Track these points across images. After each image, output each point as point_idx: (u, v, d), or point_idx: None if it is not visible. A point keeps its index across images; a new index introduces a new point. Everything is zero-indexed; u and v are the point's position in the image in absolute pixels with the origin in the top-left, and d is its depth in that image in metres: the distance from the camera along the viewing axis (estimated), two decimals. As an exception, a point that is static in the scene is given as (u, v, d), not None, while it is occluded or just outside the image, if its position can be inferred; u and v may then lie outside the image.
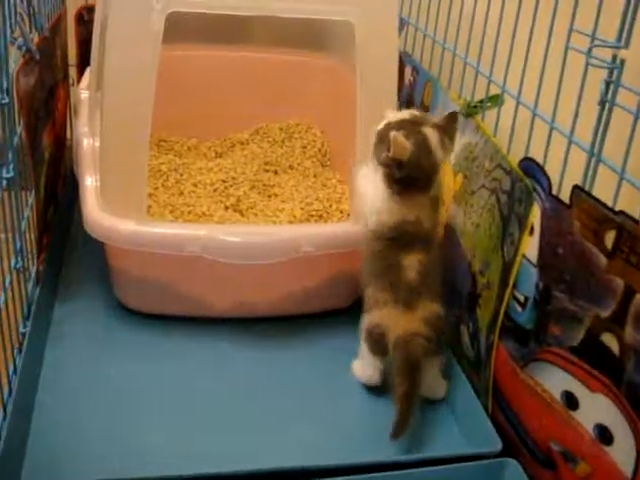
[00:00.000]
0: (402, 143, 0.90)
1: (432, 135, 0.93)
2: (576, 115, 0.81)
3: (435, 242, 0.99)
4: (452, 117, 0.96)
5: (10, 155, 0.98)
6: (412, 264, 0.95)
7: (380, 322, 0.96)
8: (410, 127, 0.93)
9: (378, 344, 0.97)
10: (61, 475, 0.87)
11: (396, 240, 0.95)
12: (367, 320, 0.98)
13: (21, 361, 0.98)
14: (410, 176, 0.93)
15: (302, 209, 1.19)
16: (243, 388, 1.01)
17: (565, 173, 0.83)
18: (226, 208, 1.20)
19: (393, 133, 0.90)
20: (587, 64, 0.78)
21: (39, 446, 0.90)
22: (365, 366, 1.01)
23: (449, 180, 1.09)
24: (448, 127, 0.95)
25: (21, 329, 1.04)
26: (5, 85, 0.96)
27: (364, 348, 1.00)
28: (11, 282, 0.99)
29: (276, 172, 1.34)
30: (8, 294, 0.97)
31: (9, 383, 0.95)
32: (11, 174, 0.97)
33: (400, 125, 0.93)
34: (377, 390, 1.02)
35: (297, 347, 1.10)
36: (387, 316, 0.96)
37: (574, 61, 0.81)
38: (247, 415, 0.97)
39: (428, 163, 0.93)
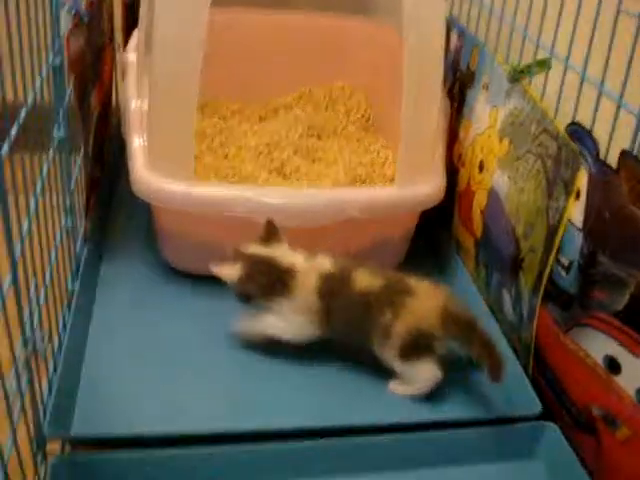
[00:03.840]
0: (221, 271, 0.97)
1: (256, 248, 0.98)
2: (626, 79, 0.80)
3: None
4: (269, 225, 1.00)
5: (61, 115, 1.00)
6: (362, 276, 0.95)
7: (413, 323, 0.93)
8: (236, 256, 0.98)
9: (422, 345, 0.93)
10: (109, 427, 0.89)
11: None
12: (398, 333, 0.93)
13: (70, 317, 1.00)
14: (269, 286, 0.97)
15: (346, 174, 1.20)
16: (284, 348, 1.02)
17: (613, 137, 0.83)
18: (270, 171, 1.21)
19: (213, 269, 0.97)
20: (638, 27, 0.78)
21: (88, 398, 0.93)
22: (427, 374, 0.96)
23: (493, 145, 1.09)
24: (270, 232, 0.99)
25: (70, 286, 1.06)
26: (57, 46, 0.97)
27: (412, 363, 0.95)
28: (61, 240, 1.01)
29: (319, 137, 1.34)
30: (58, 252, 0.99)
31: (59, 337, 0.98)
32: (62, 134, 0.99)
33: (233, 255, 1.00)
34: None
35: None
36: (413, 313, 0.93)
37: (625, 24, 0.81)
38: (287, 373, 0.99)
39: (264, 264, 0.97)
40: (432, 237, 1.28)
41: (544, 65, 0.98)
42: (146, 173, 1.04)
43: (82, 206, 1.14)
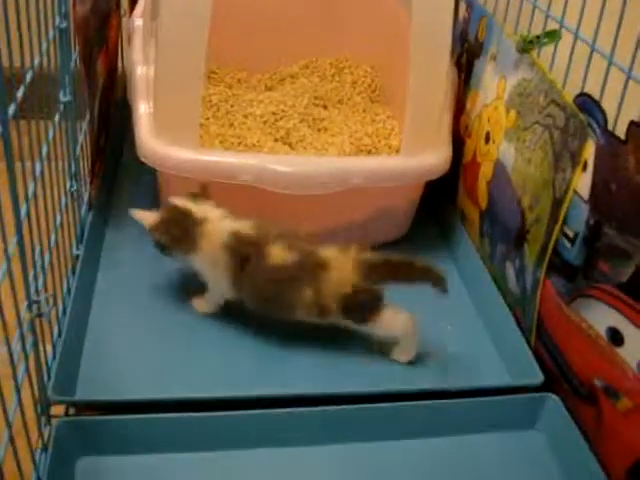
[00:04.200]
0: (139, 215, 1.00)
1: (179, 201, 0.99)
2: (636, 50, 0.80)
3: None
4: (203, 188, 1.01)
5: (67, 79, 0.99)
6: (277, 253, 0.94)
7: (341, 289, 0.93)
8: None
9: (367, 300, 0.95)
10: (113, 391, 0.90)
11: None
12: (333, 302, 0.94)
13: (75, 282, 1.01)
14: (172, 235, 0.98)
15: (351, 144, 1.20)
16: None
17: (622, 109, 0.82)
18: (276, 140, 1.21)
19: (132, 211, 1.01)
20: (650, -2, 0.77)
21: (92, 363, 0.93)
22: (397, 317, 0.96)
23: (500, 116, 1.08)
24: (202, 192, 1.00)
25: (75, 251, 1.07)
26: (63, 10, 0.97)
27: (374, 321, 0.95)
28: (66, 205, 1.01)
29: (326, 106, 1.33)
30: (63, 216, 0.99)
31: (64, 302, 0.98)
32: (68, 98, 0.99)
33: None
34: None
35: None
36: (336, 281, 0.93)
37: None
38: (286, 342, 0.99)
39: (179, 214, 0.98)
40: (437, 208, 1.28)
41: (554, 36, 0.98)
42: (152, 139, 1.04)
43: (87, 172, 1.14)
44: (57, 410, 0.87)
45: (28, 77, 0.79)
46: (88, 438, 0.83)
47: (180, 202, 0.99)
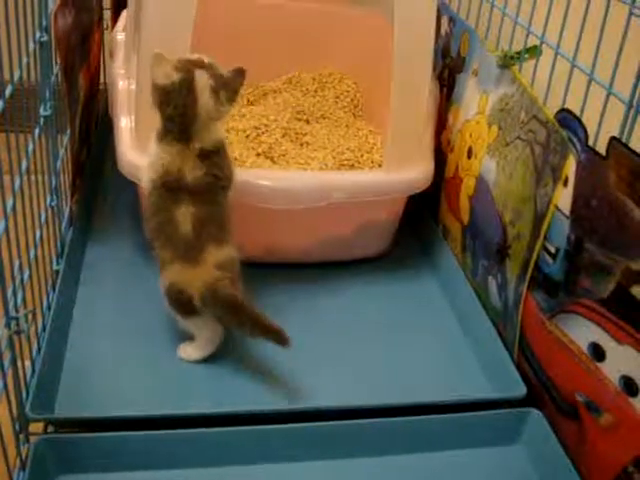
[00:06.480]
0: (161, 64, 0.90)
1: (203, 79, 0.90)
2: (616, 66, 0.80)
3: (212, 194, 0.94)
4: (239, 72, 0.94)
5: (47, 93, 0.99)
6: (185, 218, 0.92)
7: (175, 280, 0.93)
8: (184, 64, 0.91)
9: (181, 303, 0.93)
10: (93, 408, 0.89)
11: (162, 191, 0.93)
12: (163, 281, 0.94)
13: (55, 298, 1.00)
14: (168, 115, 0.91)
15: (334, 158, 1.19)
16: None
17: (602, 125, 0.82)
18: (258, 155, 1.20)
19: (157, 52, 0.90)
20: (630, 14, 0.77)
21: (72, 380, 0.92)
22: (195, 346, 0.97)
23: (482, 131, 1.08)
24: (230, 81, 0.93)
25: (55, 267, 1.06)
26: (44, 24, 0.96)
27: (174, 314, 0.95)
28: (46, 220, 1.00)
29: (308, 121, 1.33)
30: (43, 231, 0.98)
31: (43, 318, 0.97)
32: (48, 112, 0.98)
33: (177, 60, 0.91)
34: (395, 337, 1.05)
35: (325, 294, 1.11)
36: (179, 273, 0.92)
37: (616, 11, 0.80)
38: (274, 358, 0.98)
39: (185, 103, 0.90)
40: (419, 223, 1.28)
41: (534, 52, 0.98)
42: (133, 153, 1.04)
43: (68, 186, 1.13)
44: (36, 428, 0.86)
45: (8, 91, 0.78)
46: (67, 456, 0.82)
47: (202, 81, 0.90)
